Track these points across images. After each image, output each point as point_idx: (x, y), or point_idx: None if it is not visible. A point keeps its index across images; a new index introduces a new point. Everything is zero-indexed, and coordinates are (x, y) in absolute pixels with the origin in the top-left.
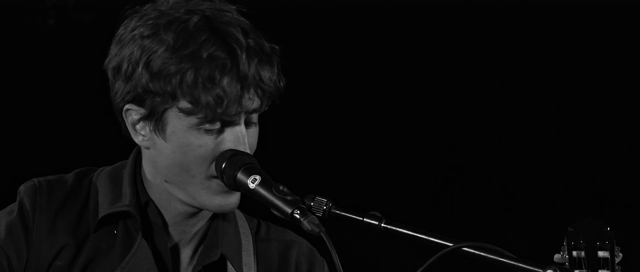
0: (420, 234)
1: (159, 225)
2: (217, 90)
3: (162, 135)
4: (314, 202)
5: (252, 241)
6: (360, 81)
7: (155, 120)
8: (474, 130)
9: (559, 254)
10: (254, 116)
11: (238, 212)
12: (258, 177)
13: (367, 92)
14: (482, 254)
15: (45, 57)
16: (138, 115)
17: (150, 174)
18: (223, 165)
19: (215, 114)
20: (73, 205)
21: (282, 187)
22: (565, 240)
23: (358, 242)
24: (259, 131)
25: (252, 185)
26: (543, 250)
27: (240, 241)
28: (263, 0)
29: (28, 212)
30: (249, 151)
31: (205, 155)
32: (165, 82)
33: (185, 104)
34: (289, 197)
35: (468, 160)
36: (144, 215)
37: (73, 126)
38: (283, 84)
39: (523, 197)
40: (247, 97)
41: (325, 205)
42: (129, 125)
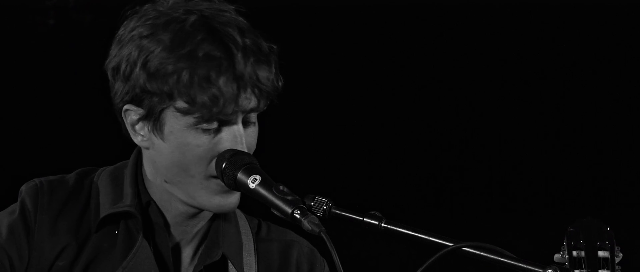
0: (420, 234)
1: (161, 225)
2: (213, 89)
3: (160, 135)
4: (314, 202)
5: (252, 241)
6: (360, 81)
7: (154, 120)
8: (474, 130)
9: (559, 254)
10: (252, 116)
11: (239, 212)
12: (258, 177)
13: (367, 92)
14: (482, 254)
15: (45, 57)
16: (137, 115)
17: (151, 174)
18: (223, 165)
19: (212, 113)
20: (74, 205)
21: (282, 187)
22: (565, 240)
23: (358, 242)
24: (259, 131)
25: (252, 185)
26: (543, 250)
27: (241, 241)
28: (263, 0)
29: (30, 213)
30: (247, 150)
31: (203, 154)
32: (162, 82)
33: (182, 103)
34: (289, 197)
35: (468, 160)
36: (145, 215)
37: (73, 126)
38: (281, 83)
39: (523, 197)
40: (243, 97)
41: (326, 205)
42: (128, 125)
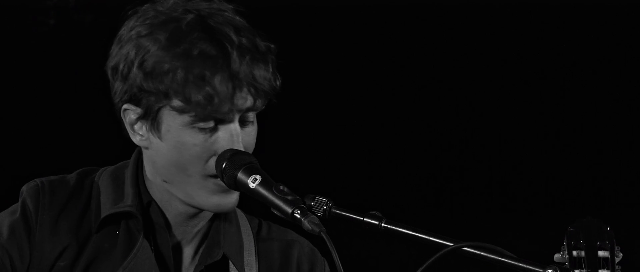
0: (421, 234)
1: (161, 225)
2: (207, 88)
3: (157, 134)
4: (314, 202)
5: (253, 241)
6: (360, 81)
7: (151, 119)
8: (474, 130)
9: (559, 254)
10: (250, 115)
11: (239, 212)
12: (258, 177)
13: (367, 92)
14: (482, 254)
15: (46, 57)
16: (135, 115)
17: (151, 174)
18: (223, 165)
19: (207, 112)
20: (75, 205)
21: (282, 187)
22: (565, 240)
23: (358, 242)
24: (259, 131)
25: (252, 185)
26: (543, 250)
27: (242, 241)
28: (263, 0)
29: (31, 213)
30: (243, 150)
31: (200, 153)
32: (158, 81)
33: (178, 102)
34: (290, 197)
35: (468, 160)
36: (146, 215)
37: (74, 126)
38: (279, 83)
39: (523, 197)
40: (239, 96)
41: (326, 205)
42: (127, 125)
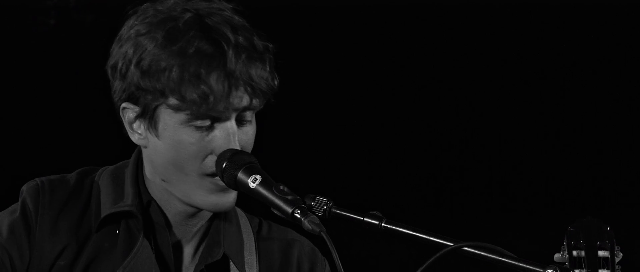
0: (421, 233)
1: (162, 224)
2: (203, 86)
3: (155, 132)
4: (315, 202)
5: (253, 240)
6: (360, 81)
7: (149, 118)
8: (474, 130)
9: (559, 253)
10: (248, 114)
11: (239, 211)
12: (258, 177)
13: (367, 92)
14: (482, 253)
15: (46, 57)
16: (134, 113)
17: (150, 173)
18: (223, 164)
19: (202, 110)
20: (75, 205)
21: (282, 187)
22: (565, 240)
23: (358, 242)
24: (258, 131)
25: (252, 184)
26: (543, 250)
27: (242, 240)
28: (263, 0)
29: (31, 212)
30: (240, 149)
31: (197, 152)
32: (155, 79)
33: (174, 100)
34: (290, 197)
35: (468, 160)
36: (146, 215)
37: (74, 126)
38: (277, 82)
39: (523, 197)
40: (235, 95)
41: (326, 204)
42: (126, 123)
